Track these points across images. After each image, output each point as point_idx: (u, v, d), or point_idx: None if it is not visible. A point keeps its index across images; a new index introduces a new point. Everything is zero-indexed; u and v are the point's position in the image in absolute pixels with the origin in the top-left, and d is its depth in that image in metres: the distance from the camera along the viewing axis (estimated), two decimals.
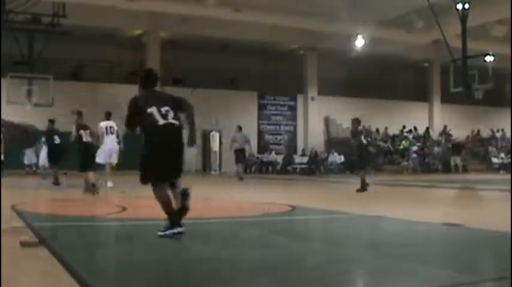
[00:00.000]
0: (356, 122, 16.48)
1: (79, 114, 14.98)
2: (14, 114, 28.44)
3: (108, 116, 15.79)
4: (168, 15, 31.42)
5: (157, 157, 6.63)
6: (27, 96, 27.54)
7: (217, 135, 35.48)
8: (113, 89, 33.20)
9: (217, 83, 35.31)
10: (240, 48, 35.45)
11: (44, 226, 7.61)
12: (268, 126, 37.37)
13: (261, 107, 37.32)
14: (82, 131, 14.16)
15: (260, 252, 6.02)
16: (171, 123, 6.69)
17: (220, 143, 35.00)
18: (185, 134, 7.00)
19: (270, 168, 35.05)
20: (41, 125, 23.97)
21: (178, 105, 7.10)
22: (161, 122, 6.61)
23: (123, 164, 16.09)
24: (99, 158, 14.97)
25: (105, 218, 9.12)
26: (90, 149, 14.33)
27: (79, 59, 32.82)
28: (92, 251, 5.88)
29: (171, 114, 6.74)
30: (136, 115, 6.77)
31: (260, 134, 36.99)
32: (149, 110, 6.62)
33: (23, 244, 5.87)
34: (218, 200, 13.57)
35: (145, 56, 34.22)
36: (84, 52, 32.57)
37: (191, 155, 36.32)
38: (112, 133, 15.66)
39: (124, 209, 10.20)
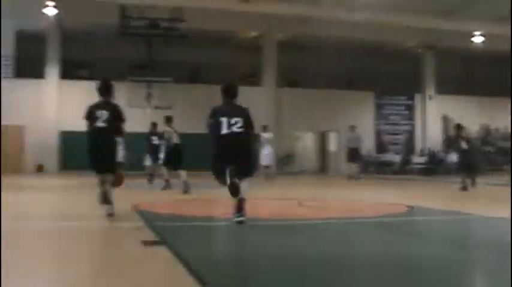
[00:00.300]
0: (457, 128, 17.39)
1: (168, 119, 16.51)
2: (134, 118, 29.28)
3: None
4: (284, 16, 31.41)
5: (218, 157, 8.23)
6: (147, 99, 28.26)
7: (334, 135, 35.23)
8: None
9: (333, 84, 35.07)
10: (356, 47, 35.04)
11: (164, 225, 7.69)
12: (385, 126, 36.81)
13: (378, 107, 36.79)
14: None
15: (378, 252, 5.88)
16: (236, 132, 8.16)
17: (338, 143, 34.72)
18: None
19: (388, 168, 34.50)
20: (161, 128, 24.48)
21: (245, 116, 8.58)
22: (224, 131, 8.11)
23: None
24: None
25: (223, 218, 9.14)
26: (178, 150, 15.58)
27: (196, 61, 33.38)
28: (211, 251, 5.87)
29: (238, 124, 8.23)
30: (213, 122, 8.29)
31: (377, 134, 36.50)
32: (221, 119, 8.18)
33: (145, 243, 5.94)
34: (334, 200, 13.43)
35: (261, 58, 34.41)
36: (201, 55, 33.11)
37: (308, 155, 36.38)
38: None
39: None
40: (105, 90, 9.17)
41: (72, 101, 30.65)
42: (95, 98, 9.25)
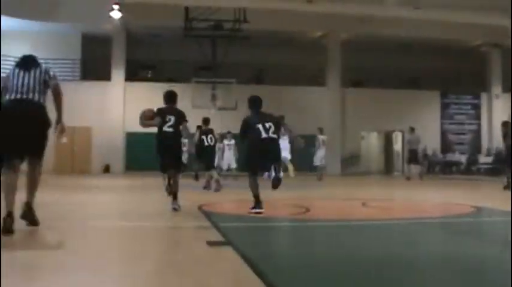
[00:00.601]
0: (504, 125, 17.64)
1: (205, 120, 16.79)
2: (199, 118, 29.49)
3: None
4: (348, 16, 31.19)
5: (255, 158, 9.60)
6: (212, 100, 28.42)
7: (400, 135, 34.83)
8: (295, 92, 33.61)
9: (398, 83, 34.68)
10: (421, 47, 34.57)
11: (230, 226, 7.68)
12: (451, 126, 36.22)
13: (444, 106, 36.21)
14: (204, 136, 15.88)
15: (442, 253, 5.78)
16: (271, 138, 9.52)
17: (403, 143, 34.34)
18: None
19: (454, 168, 33.96)
20: (225, 128, 24.62)
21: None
22: (263, 135, 9.46)
23: None
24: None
25: (288, 218, 9.08)
26: (210, 151, 16.05)
27: (260, 62, 33.45)
28: (277, 252, 5.82)
29: (272, 129, 9.58)
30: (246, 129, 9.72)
31: (443, 133, 35.94)
32: (257, 126, 9.55)
33: (210, 244, 5.93)
34: (399, 200, 13.27)
35: (325, 58, 34.26)
36: (265, 56, 33.17)
37: (373, 156, 36.06)
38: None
39: (307, 210, 10.16)
40: (170, 98, 10.39)
41: (136, 102, 31.06)
42: (158, 99, 9.47)
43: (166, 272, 4.70)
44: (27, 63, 7.19)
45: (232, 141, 23.32)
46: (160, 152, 9.96)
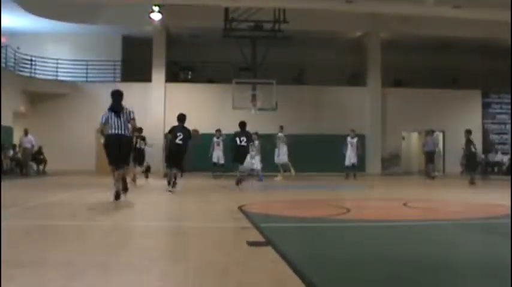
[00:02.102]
0: (468, 132, 21.72)
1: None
2: (240, 119, 29.56)
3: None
4: (388, 15, 30.97)
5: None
6: (252, 101, 28.43)
7: (440, 135, 34.47)
8: (336, 92, 33.51)
9: (438, 83, 34.30)
10: (461, 46, 34.16)
11: (270, 226, 7.67)
12: (492, 126, 35.68)
13: (485, 106, 35.68)
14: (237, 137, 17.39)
15: (481, 255, 5.76)
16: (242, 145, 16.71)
17: (444, 143, 33.96)
18: None
19: (496, 168, 33.45)
20: (266, 130, 24.66)
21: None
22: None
23: None
24: None
25: (329, 219, 9.04)
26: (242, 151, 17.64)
27: (300, 62, 33.40)
28: (317, 252, 5.80)
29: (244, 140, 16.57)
30: None
31: (484, 133, 35.42)
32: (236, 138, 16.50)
33: (250, 244, 5.93)
34: (440, 201, 13.15)
35: (365, 58, 34.09)
36: (305, 56, 33.12)
37: (414, 156, 35.73)
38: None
39: (348, 210, 10.12)
40: (182, 119, 15.22)
41: (177, 103, 31.34)
42: (199, 100, 9.59)
43: (207, 272, 4.71)
44: (118, 110, 11.59)
45: (257, 143, 23.16)
46: (170, 155, 15.39)
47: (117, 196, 11.21)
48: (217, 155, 24.90)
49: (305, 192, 16.19)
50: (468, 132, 22.52)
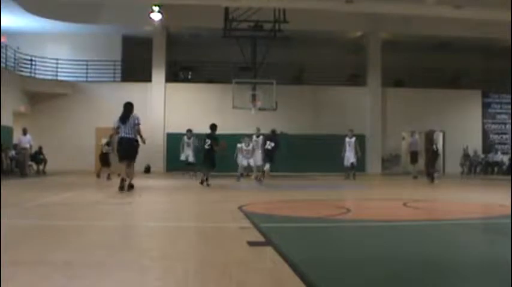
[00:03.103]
0: (429, 133, 23.51)
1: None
2: (240, 119, 29.60)
3: None
4: (388, 15, 30.98)
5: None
6: (252, 101, 28.45)
7: (440, 135, 34.44)
8: (336, 92, 33.53)
9: (438, 83, 34.32)
10: (461, 46, 34.19)
11: (269, 226, 7.67)
12: (493, 125, 35.72)
13: (485, 106, 35.73)
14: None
15: (480, 255, 5.78)
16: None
17: (444, 143, 33.96)
18: None
19: (496, 168, 33.46)
20: (266, 130, 24.66)
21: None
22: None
23: None
24: None
25: (329, 219, 9.03)
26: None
27: (300, 62, 33.41)
28: (318, 252, 5.79)
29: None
30: None
31: (484, 133, 35.46)
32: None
33: (251, 244, 5.92)
34: (440, 201, 13.16)
35: (366, 58, 34.11)
36: (305, 56, 33.15)
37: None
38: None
39: (348, 210, 10.12)
40: (212, 128, 18.20)
41: (177, 103, 31.39)
42: (199, 100, 9.59)
43: (207, 272, 4.71)
44: (126, 118, 14.43)
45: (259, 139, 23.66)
46: (205, 158, 18.42)
47: (121, 187, 13.95)
48: (187, 154, 25.10)
49: (305, 192, 16.19)
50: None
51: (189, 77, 34.07)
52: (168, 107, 31.65)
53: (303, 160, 30.04)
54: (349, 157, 24.40)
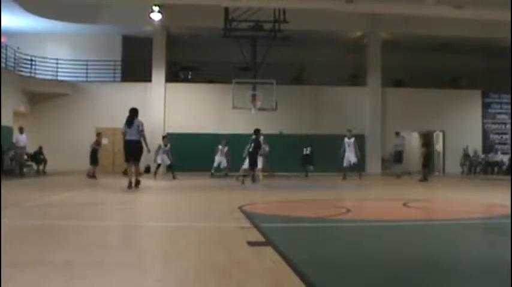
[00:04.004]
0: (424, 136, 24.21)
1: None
2: (240, 119, 29.60)
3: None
4: (388, 15, 30.97)
5: None
6: (252, 101, 28.45)
7: (440, 135, 34.47)
8: (336, 92, 33.52)
9: (438, 83, 34.32)
10: (461, 46, 34.19)
11: (270, 226, 7.67)
12: (493, 125, 35.71)
13: (485, 106, 35.72)
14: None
15: (481, 255, 5.76)
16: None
17: (444, 143, 33.96)
18: None
19: (496, 168, 33.45)
20: (266, 129, 24.66)
21: None
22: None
23: None
24: None
25: (329, 219, 9.03)
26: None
27: (300, 62, 33.42)
28: (317, 252, 5.79)
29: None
30: None
31: (484, 133, 35.44)
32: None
33: (250, 244, 5.92)
34: (439, 201, 13.17)
35: (366, 58, 34.11)
36: (305, 56, 33.16)
37: (413, 156, 35.72)
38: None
39: (348, 210, 10.11)
40: (256, 132, 19.77)
41: (177, 103, 31.38)
42: (199, 100, 9.59)
43: (207, 272, 4.71)
44: (131, 122, 15.83)
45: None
46: (250, 160, 19.75)
47: (129, 185, 15.39)
48: (162, 157, 25.30)
49: (305, 192, 16.19)
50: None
51: (189, 77, 34.07)
52: (168, 107, 31.65)
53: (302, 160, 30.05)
54: (349, 157, 24.30)
